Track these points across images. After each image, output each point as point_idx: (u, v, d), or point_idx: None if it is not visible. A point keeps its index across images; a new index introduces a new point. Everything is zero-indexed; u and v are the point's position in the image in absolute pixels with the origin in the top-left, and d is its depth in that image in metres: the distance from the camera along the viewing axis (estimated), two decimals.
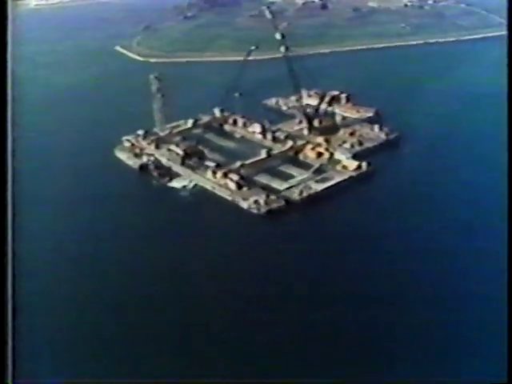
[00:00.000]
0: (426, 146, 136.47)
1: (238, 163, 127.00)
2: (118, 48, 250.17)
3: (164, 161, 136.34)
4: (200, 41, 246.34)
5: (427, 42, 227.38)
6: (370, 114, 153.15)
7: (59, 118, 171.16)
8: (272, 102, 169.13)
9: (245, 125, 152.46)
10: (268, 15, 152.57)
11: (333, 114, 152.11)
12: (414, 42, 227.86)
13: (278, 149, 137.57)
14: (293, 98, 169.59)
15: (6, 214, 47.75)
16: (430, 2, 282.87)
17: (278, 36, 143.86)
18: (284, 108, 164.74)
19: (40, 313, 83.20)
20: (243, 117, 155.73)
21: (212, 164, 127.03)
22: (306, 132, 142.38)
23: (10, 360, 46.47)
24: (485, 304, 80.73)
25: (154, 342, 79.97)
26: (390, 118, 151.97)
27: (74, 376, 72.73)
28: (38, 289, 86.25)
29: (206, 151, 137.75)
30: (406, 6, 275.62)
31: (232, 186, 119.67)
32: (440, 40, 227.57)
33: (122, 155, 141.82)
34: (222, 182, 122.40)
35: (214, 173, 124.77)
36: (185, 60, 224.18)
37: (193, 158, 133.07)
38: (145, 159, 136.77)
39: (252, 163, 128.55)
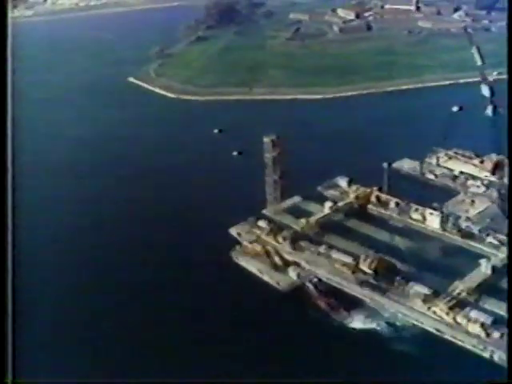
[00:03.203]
0: None
1: (459, 286, 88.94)
2: (132, 79, 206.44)
3: (323, 273, 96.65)
4: (239, 70, 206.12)
5: None
6: None
7: (109, 195, 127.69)
8: (406, 166, 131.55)
9: (397, 205, 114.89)
10: (479, 61, 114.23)
11: None
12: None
13: (475, 249, 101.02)
14: (431, 160, 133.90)
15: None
16: (485, 21, 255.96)
17: (485, 91, 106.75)
18: (430, 176, 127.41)
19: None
20: (380, 189, 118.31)
21: (422, 289, 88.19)
22: None
23: (10, 360, 48.07)
24: None
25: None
26: None
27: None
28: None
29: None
30: (465, 27, 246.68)
31: (477, 330, 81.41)
32: None
33: (248, 264, 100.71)
34: (449, 319, 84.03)
35: (428, 303, 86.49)
36: (234, 98, 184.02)
37: (379, 273, 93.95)
38: (293, 273, 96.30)
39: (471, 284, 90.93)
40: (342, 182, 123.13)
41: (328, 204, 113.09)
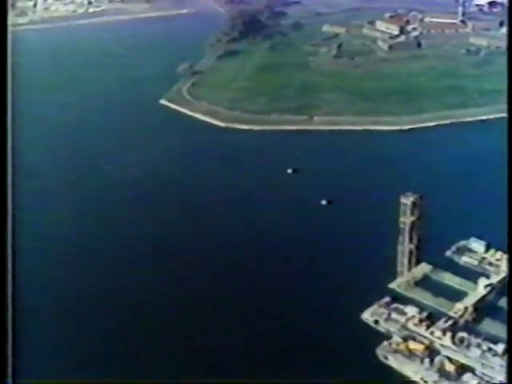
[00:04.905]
0: None
1: None
2: (164, 102, 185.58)
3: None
4: (288, 93, 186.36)
5: None
6: None
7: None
8: None
9: None
10: None
11: None
12: None
13: None
14: None
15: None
16: None
17: None
18: None
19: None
20: None
21: None
22: None
23: (10, 360, 48.63)
24: None
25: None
26: None
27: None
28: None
29: None
30: None
31: None
32: None
33: (403, 367, 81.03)
34: None
35: None
36: (294, 128, 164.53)
37: None
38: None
39: None
40: (478, 246, 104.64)
41: (483, 282, 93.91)
